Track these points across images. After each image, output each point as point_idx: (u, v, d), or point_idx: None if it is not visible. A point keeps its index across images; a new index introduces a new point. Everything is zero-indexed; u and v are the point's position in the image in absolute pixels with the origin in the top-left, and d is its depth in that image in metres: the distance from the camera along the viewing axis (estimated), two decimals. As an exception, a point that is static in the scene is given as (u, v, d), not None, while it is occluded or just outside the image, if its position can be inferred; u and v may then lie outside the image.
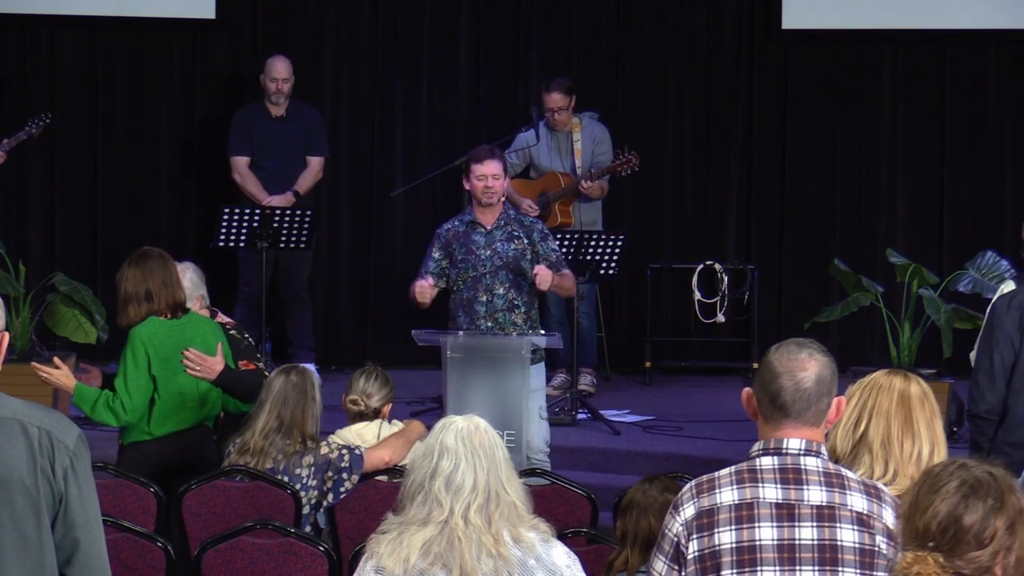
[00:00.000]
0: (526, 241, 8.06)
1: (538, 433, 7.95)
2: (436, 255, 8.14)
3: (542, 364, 8.14)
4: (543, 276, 7.93)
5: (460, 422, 4.11)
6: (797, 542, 3.78)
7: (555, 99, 10.28)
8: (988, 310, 6.54)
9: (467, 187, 8.15)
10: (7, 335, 3.63)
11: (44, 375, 6.79)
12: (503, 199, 8.10)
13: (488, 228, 8.05)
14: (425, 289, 7.99)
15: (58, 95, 11.38)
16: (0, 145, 9.99)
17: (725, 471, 3.88)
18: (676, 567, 3.84)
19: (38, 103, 11.11)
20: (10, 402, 3.54)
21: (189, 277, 7.18)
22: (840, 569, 3.76)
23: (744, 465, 3.88)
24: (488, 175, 8.00)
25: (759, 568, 3.77)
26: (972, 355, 6.58)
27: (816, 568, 3.77)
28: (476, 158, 8.09)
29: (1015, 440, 5.98)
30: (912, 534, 3.19)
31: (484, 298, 8.02)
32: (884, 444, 4.30)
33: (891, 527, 3.80)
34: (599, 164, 10.28)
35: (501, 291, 8.02)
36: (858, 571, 3.77)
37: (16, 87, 11.32)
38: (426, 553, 3.98)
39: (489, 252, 8.03)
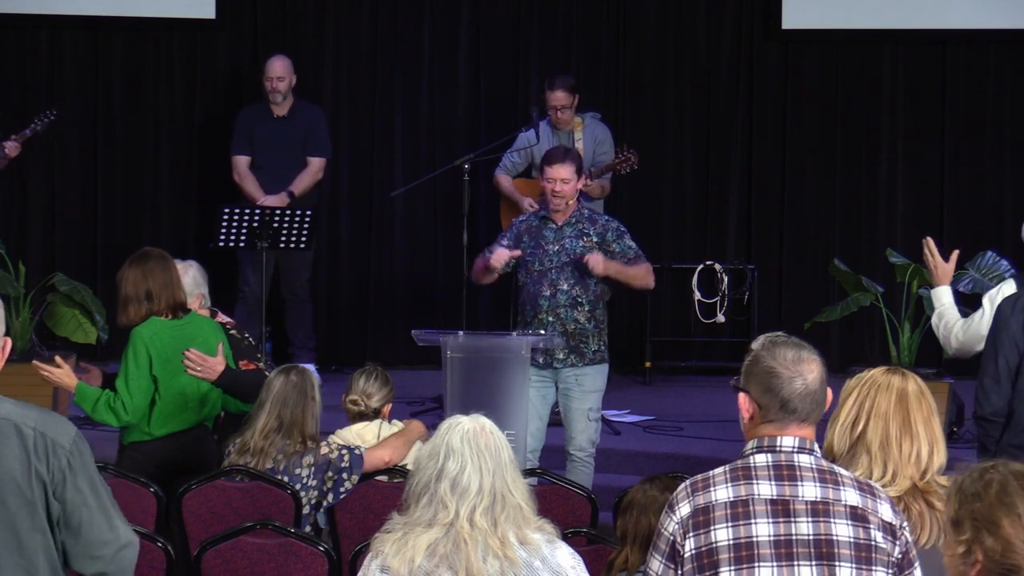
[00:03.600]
0: (595, 240, 7.99)
1: (583, 433, 7.95)
2: (505, 242, 8.09)
3: (605, 366, 8.10)
4: (594, 260, 7.83)
5: (466, 423, 4.10)
6: (793, 538, 3.80)
7: (559, 97, 10.28)
8: (993, 312, 6.55)
9: (542, 185, 8.14)
10: (8, 340, 3.63)
11: (45, 374, 6.79)
12: (574, 201, 8.03)
13: (558, 224, 8.03)
14: (502, 253, 7.92)
15: (58, 95, 11.38)
16: (11, 139, 10.04)
17: (719, 469, 3.90)
18: (672, 565, 3.86)
19: (38, 103, 11.11)
20: (4, 403, 3.54)
21: (192, 275, 7.18)
22: (837, 564, 3.78)
23: (738, 463, 3.90)
24: (557, 178, 7.95)
25: (756, 564, 3.78)
26: (961, 336, 6.67)
27: (813, 563, 3.79)
28: (548, 159, 8.06)
29: (1021, 442, 5.98)
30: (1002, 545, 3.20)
31: (548, 292, 7.97)
32: (883, 446, 4.30)
33: (888, 521, 3.82)
34: (600, 164, 10.28)
35: (565, 287, 7.98)
36: (854, 565, 3.78)
37: (16, 87, 11.32)
38: (431, 554, 3.97)
39: (557, 247, 7.99)
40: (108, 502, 3.65)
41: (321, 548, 5.52)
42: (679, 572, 3.84)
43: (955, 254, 6.95)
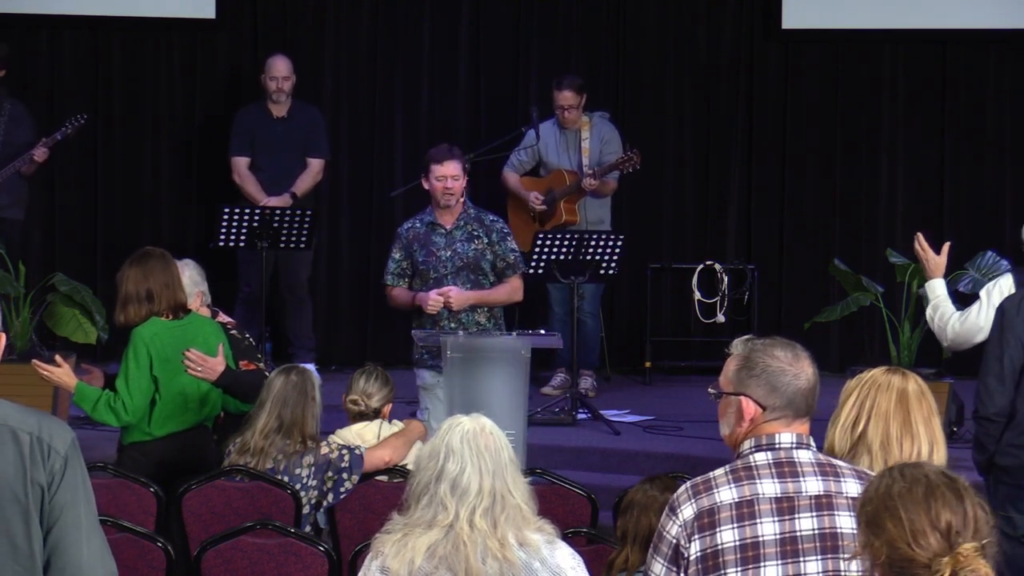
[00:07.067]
0: (486, 240, 8.03)
1: None
2: (396, 256, 8.13)
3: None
4: (456, 298, 7.91)
5: (466, 423, 4.09)
6: (798, 534, 3.80)
7: (566, 97, 10.31)
8: (990, 305, 6.56)
9: (426, 187, 8.11)
10: (3, 336, 3.60)
11: (45, 373, 6.79)
12: (463, 199, 8.06)
13: (448, 228, 8.03)
14: (437, 302, 7.94)
15: (58, 95, 11.37)
16: (40, 145, 10.08)
17: (719, 470, 3.89)
18: (675, 568, 3.84)
19: (38, 103, 11.11)
20: (2, 407, 3.51)
21: (188, 274, 7.18)
22: (843, 556, 3.78)
23: (739, 463, 3.90)
24: (448, 176, 7.97)
25: (762, 563, 3.78)
26: (957, 328, 6.72)
27: (819, 557, 3.79)
28: (435, 158, 8.05)
29: (1022, 442, 5.98)
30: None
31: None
32: (883, 445, 4.31)
33: None
34: (606, 163, 10.29)
35: None
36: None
37: (16, 87, 11.30)
38: (431, 556, 3.96)
39: (449, 253, 8.01)
40: (93, 512, 3.60)
41: (321, 548, 5.52)
42: (683, 575, 3.83)
43: (946, 246, 7.00)
